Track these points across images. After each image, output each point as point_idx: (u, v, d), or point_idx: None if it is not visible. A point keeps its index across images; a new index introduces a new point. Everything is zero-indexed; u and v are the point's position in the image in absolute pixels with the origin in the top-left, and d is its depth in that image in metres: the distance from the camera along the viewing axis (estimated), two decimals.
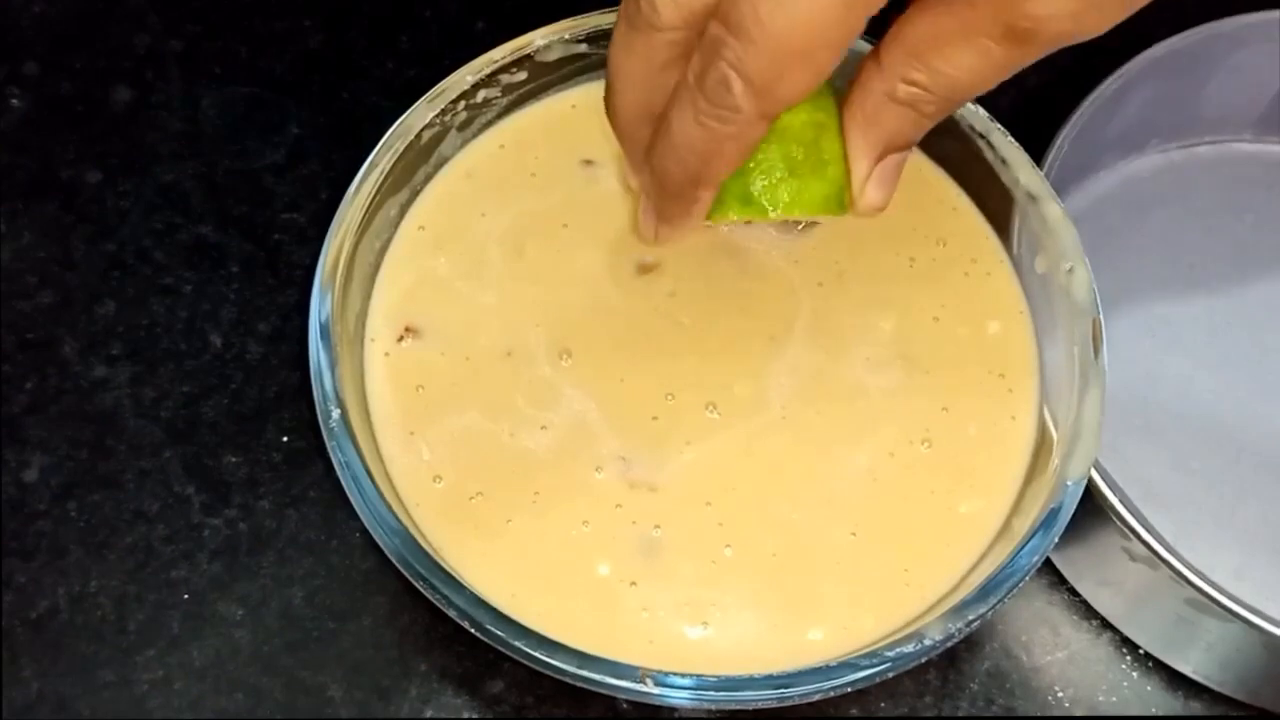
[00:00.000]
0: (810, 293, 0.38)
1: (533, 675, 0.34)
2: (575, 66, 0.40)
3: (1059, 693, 0.40)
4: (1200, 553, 0.36)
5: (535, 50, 0.39)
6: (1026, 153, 0.37)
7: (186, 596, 0.40)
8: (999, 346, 0.37)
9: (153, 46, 0.49)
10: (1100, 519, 0.37)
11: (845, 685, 0.31)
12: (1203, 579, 0.35)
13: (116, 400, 0.43)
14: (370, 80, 0.49)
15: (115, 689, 0.38)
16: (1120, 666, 0.40)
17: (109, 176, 0.46)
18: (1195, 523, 0.41)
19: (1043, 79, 0.40)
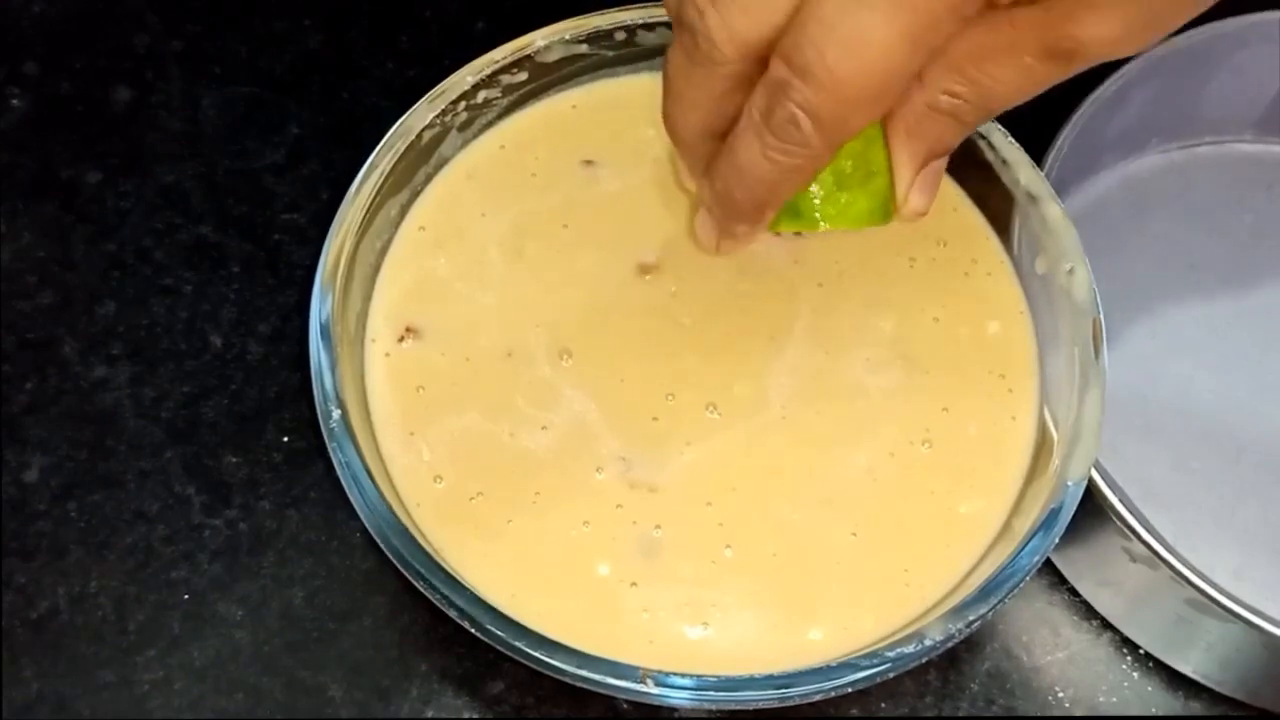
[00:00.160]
0: (810, 293, 0.38)
1: (533, 675, 0.34)
2: (575, 67, 0.40)
3: (1059, 693, 0.40)
4: (1200, 553, 0.36)
5: (535, 50, 0.39)
6: (1027, 153, 0.37)
7: (187, 597, 0.40)
8: (999, 347, 0.37)
9: (153, 46, 0.49)
10: (1100, 519, 0.37)
11: (845, 685, 0.31)
12: (1203, 579, 0.35)
13: (116, 400, 0.42)
14: (370, 80, 0.49)
15: (115, 689, 0.38)
16: (1120, 667, 0.40)
17: (109, 176, 0.46)
18: (1195, 523, 0.41)
19: None
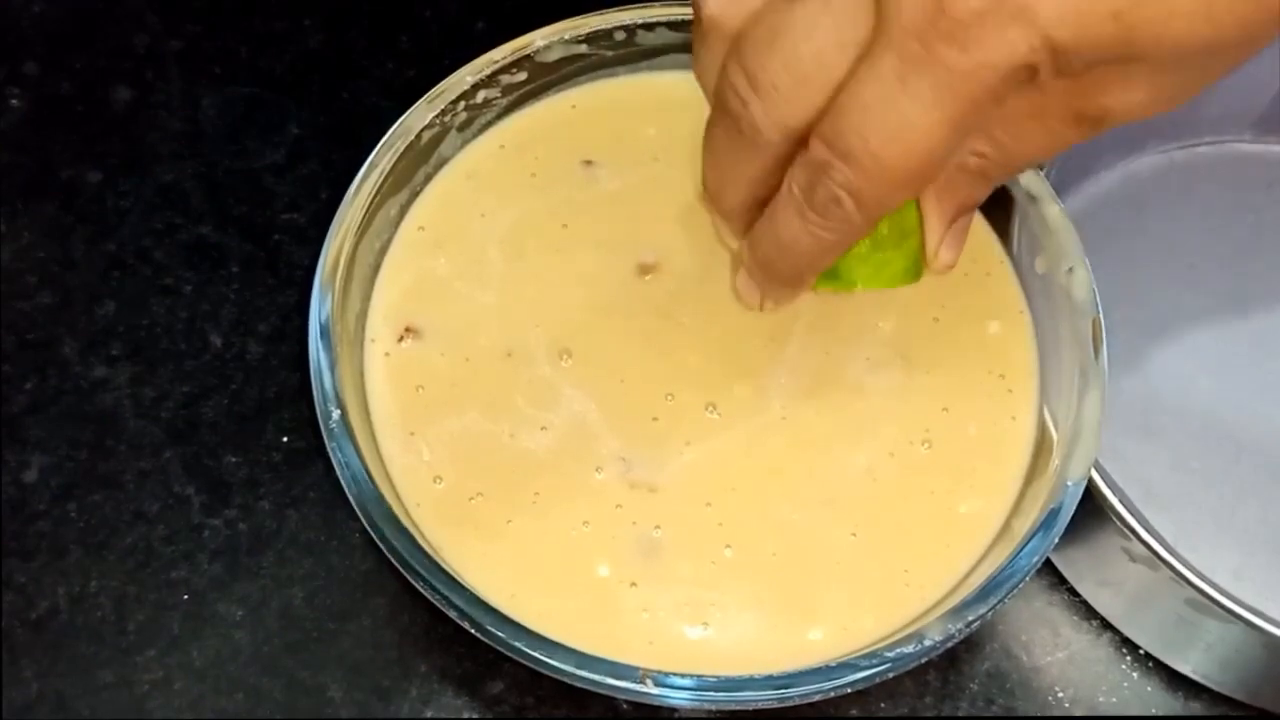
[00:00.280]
0: (810, 293, 0.38)
1: (533, 676, 0.34)
2: (575, 67, 0.40)
3: (1059, 693, 0.40)
4: (1200, 553, 0.36)
5: (535, 50, 0.39)
6: None
7: (186, 597, 0.40)
8: (999, 346, 0.37)
9: (153, 46, 0.49)
10: (1100, 519, 0.36)
11: (845, 686, 0.31)
12: (1203, 579, 0.35)
13: (116, 400, 0.42)
14: (370, 80, 0.49)
15: (115, 689, 0.38)
16: (1120, 667, 0.40)
17: (109, 176, 0.46)
18: (1195, 523, 0.41)
19: None
